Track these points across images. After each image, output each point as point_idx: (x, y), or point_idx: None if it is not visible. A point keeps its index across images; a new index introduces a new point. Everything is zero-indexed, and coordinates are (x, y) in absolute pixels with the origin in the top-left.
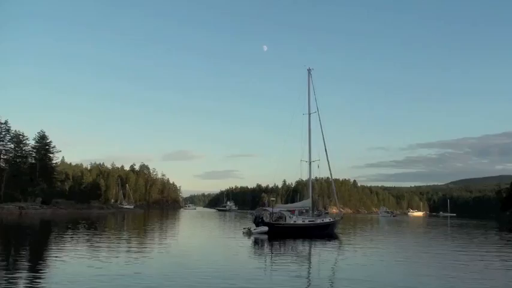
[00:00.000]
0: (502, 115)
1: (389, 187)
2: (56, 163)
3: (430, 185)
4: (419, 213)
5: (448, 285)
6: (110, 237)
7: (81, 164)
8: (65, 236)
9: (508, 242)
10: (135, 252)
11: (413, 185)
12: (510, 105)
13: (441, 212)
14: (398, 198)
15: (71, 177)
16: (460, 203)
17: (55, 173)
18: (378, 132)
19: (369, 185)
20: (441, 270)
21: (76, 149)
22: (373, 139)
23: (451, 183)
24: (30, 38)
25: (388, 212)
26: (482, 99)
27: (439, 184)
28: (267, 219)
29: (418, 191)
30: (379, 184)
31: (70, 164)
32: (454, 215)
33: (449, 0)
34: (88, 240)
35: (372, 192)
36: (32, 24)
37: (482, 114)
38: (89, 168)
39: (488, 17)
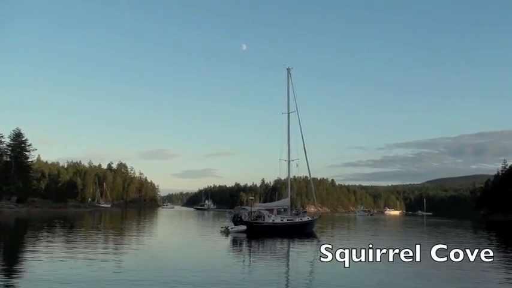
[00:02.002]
0: (476, 116)
1: (367, 186)
2: (31, 161)
3: (406, 184)
4: (396, 212)
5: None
6: (86, 237)
7: (58, 163)
8: (40, 235)
9: (482, 240)
10: (111, 252)
11: (390, 184)
12: (485, 106)
13: (420, 211)
14: (375, 197)
15: (47, 176)
16: (435, 202)
17: (31, 171)
18: (356, 132)
19: (346, 184)
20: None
21: (52, 147)
22: (350, 138)
23: (427, 182)
24: (5, 36)
25: (365, 211)
26: (457, 100)
27: (416, 183)
28: (245, 218)
29: (395, 190)
30: (357, 183)
31: (46, 162)
32: (430, 214)
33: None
34: (64, 240)
35: (350, 191)
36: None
37: (457, 114)
38: (65, 166)
39: (465, 19)
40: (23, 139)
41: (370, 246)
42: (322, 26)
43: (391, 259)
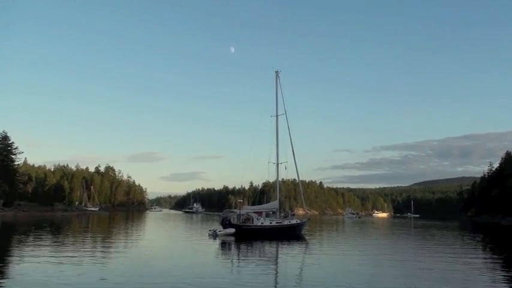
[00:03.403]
0: (463, 118)
1: (355, 189)
2: (18, 164)
3: (394, 187)
4: (384, 215)
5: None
6: (74, 241)
7: (45, 166)
8: (27, 239)
9: (469, 243)
10: (98, 257)
11: (377, 187)
12: (470, 109)
13: (409, 214)
14: (363, 200)
15: (33, 179)
16: (423, 204)
17: (17, 174)
18: (343, 135)
19: (334, 186)
20: (403, 272)
21: (39, 150)
22: (338, 141)
23: (414, 184)
24: None
25: (353, 213)
26: (444, 103)
27: (403, 185)
28: (234, 221)
29: (383, 193)
30: (345, 186)
31: (33, 165)
32: (418, 216)
33: (413, 3)
34: (50, 244)
35: (338, 193)
36: None
37: (444, 117)
38: (52, 169)
39: (450, 21)
40: (9, 142)
41: (359, 248)
42: (310, 28)
43: (379, 261)
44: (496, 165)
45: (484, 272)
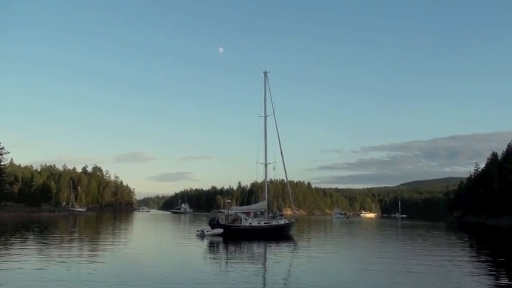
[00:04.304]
0: (450, 119)
1: (343, 189)
2: (4, 165)
3: (381, 187)
4: (372, 215)
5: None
6: (60, 242)
7: (31, 166)
8: (12, 240)
9: (457, 243)
10: (86, 258)
11: (365, 187)
12: (458, 110)
13: (397, 214)
14: (351, 200)
15: (20, 180)
16: (410, 204)
17: (3, 174)
18: (331, 135)
19: (322, 187)
20: (391, 271)
21: (26, 150)
22: (326, 142)
23: (402, 185)
24: None
25: (341, 214)
26: (431, 104)
27: (391, 186)
28: (222, 222)
29: (370, 193)
30: (333, 186)
31: (19, 165)
32: (405, 216)
33: (399, 3)
34: (37, 245)
35: (326, 194)
36: None
37: (431, 118)
38: (39, 170)
39: (439, 22)
40: None
41: (347, 248)
42: (298, 29)
43: (367, 261)
44: (482, 165)
45: (471, 271)
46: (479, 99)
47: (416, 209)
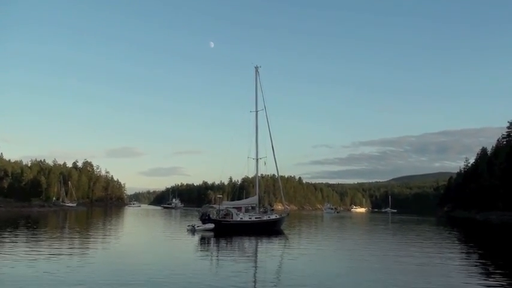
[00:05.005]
0: (440, 114)
1: (333, 184)
2: None
3: (372, 182)
4: (362, 209)
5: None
6: (50, 237)
7: (21, 161)
8: (2, 235)
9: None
10: (76, 253)
11: (356, 182)
12: (448, 105)
13: (388, 209)
14: (342, 195)
15: (10, 175)
16: (400, 199)
17: None
18: (322, 130)
19: (313, 182)
20: (382, 265)
21: (16, 145)
22: (317, 137)
23: (392, 180)
24: None
25: (332, 209)
26: (421, 99)
27: (381, 181)
28: (213, 217)
29: (361, 188)
30: (324, 181)
31: (9, 160)
32: (395, 211)
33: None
34: (27, 240)
35: (317, 189)
36: None
37: (421, 113)
38: (29, 165)
39: (430, 17)
40: None
41: (338, 243)
42: (290, 24)
43: (357, 256)
44: (471, 161)
45: (461, 265)
46: (469, 95)
47: (407, 204)
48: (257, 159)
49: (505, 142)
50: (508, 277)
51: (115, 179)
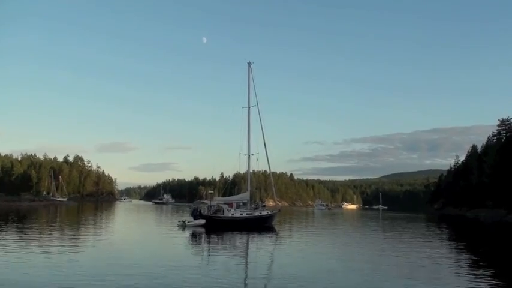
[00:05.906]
0: (431, 112)
1: (325, 180)
2: None
3: (363, 179)
4: (353, 206)
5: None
6: (40, 232)
7: (11, 155)
8: None
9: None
10: (66, 248)
11: (347, 179)
12: (439, 103)
13: (379, 206)
14: (333, 192)
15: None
16: (391, 196)
17: None
18: (314, 127)
19: (305, 178)
20: (372, 262)
21: (5, 139)
22: (309, 133)
23: (383, 177)
24: None
25: (323, 205)
26: (412, 96)
27: (372, 178)
28: (205, 212)
29: (352, 185)
30: (315, 177)
31: None
32: (386, 208)
33: None
34: (16, 235)
35: (308, 185)
36: None
37: (413, 110)
38: (19, 159)
39: (423, 13)
40: None
41: (328, 239)
42: (283, 20)
43: (348, 252)
44: (462, 158)
45: (451, 262)
46: (460, 93)
47: (397, 201)
48: (249, 156)
49: (495, 140)
50: (497, 277)
51: (106, 174)
